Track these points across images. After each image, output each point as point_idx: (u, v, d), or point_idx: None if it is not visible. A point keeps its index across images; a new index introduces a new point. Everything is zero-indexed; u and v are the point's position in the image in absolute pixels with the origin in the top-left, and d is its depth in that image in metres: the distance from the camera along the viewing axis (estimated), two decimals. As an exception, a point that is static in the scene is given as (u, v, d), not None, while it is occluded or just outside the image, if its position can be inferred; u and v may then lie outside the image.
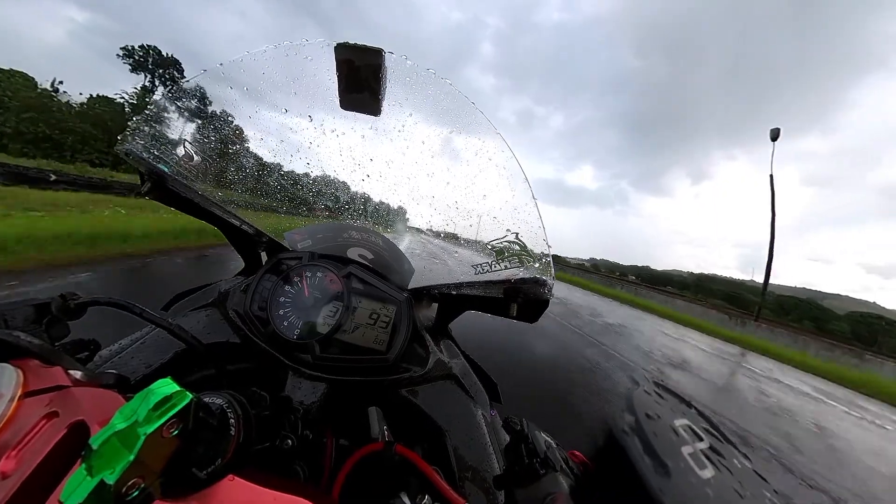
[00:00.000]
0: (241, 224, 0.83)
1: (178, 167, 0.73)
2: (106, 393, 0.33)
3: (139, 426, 0.26)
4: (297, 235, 0.97)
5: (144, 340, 0.61)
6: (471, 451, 0.60)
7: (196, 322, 0.68)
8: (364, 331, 0.73)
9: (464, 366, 0.84)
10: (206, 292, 0.80)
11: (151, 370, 0.57)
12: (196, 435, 0.30)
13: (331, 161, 1.00)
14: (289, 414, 0.46)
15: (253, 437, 0.38)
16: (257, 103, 0.79)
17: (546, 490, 0.31)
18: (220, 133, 0.81)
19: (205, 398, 0.37)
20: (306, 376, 0.64)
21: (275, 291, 0.72)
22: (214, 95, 0.77)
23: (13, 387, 0.30)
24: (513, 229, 0.70)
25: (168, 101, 0.71)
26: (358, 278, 0.79)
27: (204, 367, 0.62)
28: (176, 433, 0.28)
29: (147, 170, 0.69)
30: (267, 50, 0.69)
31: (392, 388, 0.68)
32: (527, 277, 0.62)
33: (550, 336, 6.70)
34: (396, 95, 0.76)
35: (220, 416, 0.35)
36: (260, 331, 0.68)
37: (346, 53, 0.66)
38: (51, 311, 0.44)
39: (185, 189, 0.71)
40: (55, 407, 0.30)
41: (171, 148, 0.73)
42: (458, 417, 0.66)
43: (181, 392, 0.29)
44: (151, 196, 0.72)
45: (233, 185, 0.87)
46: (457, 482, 0.54)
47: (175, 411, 0.28)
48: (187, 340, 0.52)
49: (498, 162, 0.75)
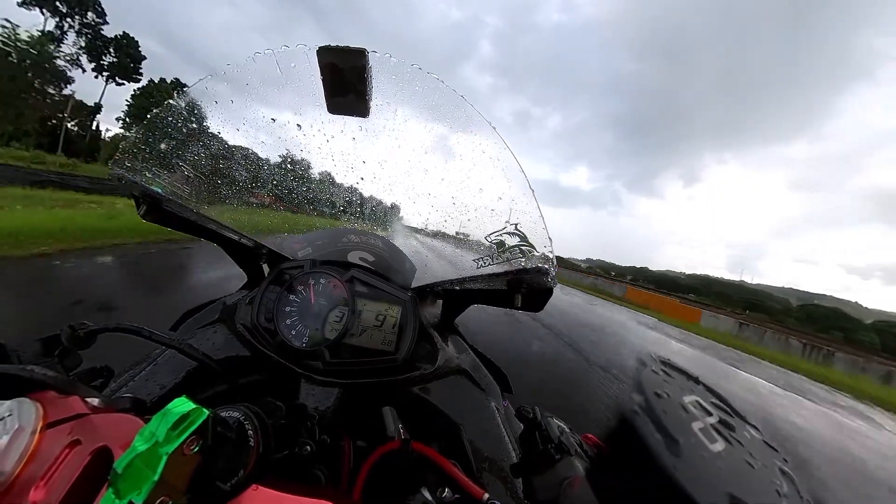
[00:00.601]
0: (240, 238, 0.83)
1: (172, 187, 0.73)
2: (124, 417, 0.34)
3: (160, 446, 0.27)
4: (296, 244, 0.97)
5: (156, 362, 0.62)
6: (486, 443, 0.61)
7: (205, 339, 0.69)
8: (371, 333, 0.74)
9: (473, 360, 0.85)
10: (212, 308, 0.80)
11: (166, 391, 0.57)
12: (216, 449, 0.31)
13: (323, 167, 1.00)
14: (305, 421, 0.47)
15: (272, 446, 0.39)
16: (244, 115, 0.78)
17: (562, 474, 0.32)
18: (210, 149, 0.80)
19: (221, 413, 0.37)
20: (318, 383, 0.64)
21: (280, 302, 0.72)
22: (201, 111, 0.76)
23: (34, 420, 0.31)
24: (511, 220, 0.70)
25: (155, 121, 0.70)
26: (361, 282, 0.79)
27: (217, 383, 0.63)
28: (197, 450, 0.29)
29: (141, 193, 0.69)
30: (250, 59, 0.68)
31: (404, 387, 0.68)
32: (529, 267, 0.62)
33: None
34: (384, 95, 0.75)
35: (238, 428, 0.36)
36: (269, 342, 0.68)
37: (329, 57, 0.65)
38: (61, 342, 0.44)
39: (181, 209, 0.71)
40: (77, 435, 0.30)
41: (163, 168, 0.73)
42: (472, 410, 0.67)
43: (197, 409, 0.29)
44: (149, 219, 0.72)
45: (228, 200, 0.87)
46: (475, 473, 0.55)
47: (193, 428, 0.28)
48: (198, 358, 0.53)
49: (492, 154, 0.74)
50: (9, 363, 0.37)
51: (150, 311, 3.27)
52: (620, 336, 9.51)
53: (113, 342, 0.46)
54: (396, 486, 0.46)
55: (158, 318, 0.77)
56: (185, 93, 0.72)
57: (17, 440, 0.29)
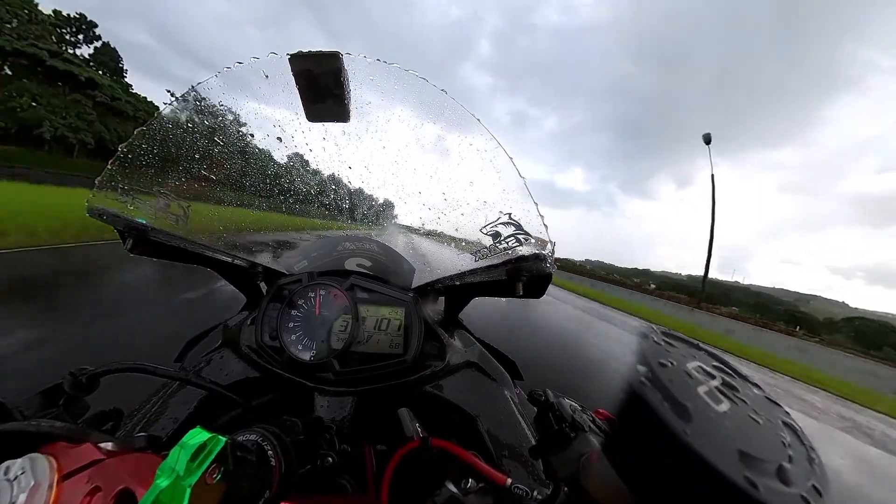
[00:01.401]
0: (233, 260, 0.82)
1: (158, 215, 0.71)
2: (141, 456, 0.33)
3: (182, 479, 0.26)
4: (292, 259, 0.96)
5: (166, 396, 0.61)
6: (503, 430, 0.62)
7: (212, 366, 0.68)
8: (378, 338, 0.74)
9: (481, 351, 0.85)
10: (214, 334, 0.79)
11: (180, 423, 0.57)
12: (239, 474, 0.31)
13: (309, 176, 0.98)
14: (323, 433, 0.47)
15: (294, 463, 0.39)
16: (222, 132, 0.77)
17: (579, 451, 0.33)
18: (192, 171, 0.78)
19: (238, 438, 0.37)
20: (332, 394, 0.64)
21: (282, 318, 0.72)
22: (177, 134, 0.74)
23: (49, 474, 0.30)
24: (505, 210, 0.69)
25: (130, 150, 0.68)
26: (361, 288, 0.79)
27: (231, 409, 0.62)
28: (219, 478, 0.28)
29: (125, 227, 0.67)
30: (222, 73, 0.66)
31: (416, 386, 0.68)
32: (527, 254, 0.62)
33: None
34: (363, 97, 0.74)
35: (258, 450, 0.36)
36: (276, 360, 0.68)
37: (302, 64, 0.64)
38: (64, 391, 0.43)
39: (168, 238, 0.69)
40: (96, 482, 0.30)
41: (145, 197, 0.71)
42: (485, 401, 0.67)
43: (214, 437, 0.29)
44: (136, 252, 0.70)
45: (216, 221, 0.85)
46: (495, 461, 0.56)
47: (213, 457, 0.28)
48: (207, 387, 0.52)
49: (480, 147, 0.74)
50: (12, 421, 0.36)
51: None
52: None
53: (118, 382, 0.45)
54: (421, 483, 0.46)
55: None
56: (160, 116, 0.70)
57: (35, 497, 0.28)
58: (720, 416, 0.20)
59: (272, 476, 0.34)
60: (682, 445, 0.17)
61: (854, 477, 3.81)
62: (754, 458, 0.18)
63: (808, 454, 0.20)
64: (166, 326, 3.39)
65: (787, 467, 0.19)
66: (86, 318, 3.43)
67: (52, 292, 4.17)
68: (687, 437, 0.17)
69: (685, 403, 0.19)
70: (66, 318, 3.36)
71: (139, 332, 3.25)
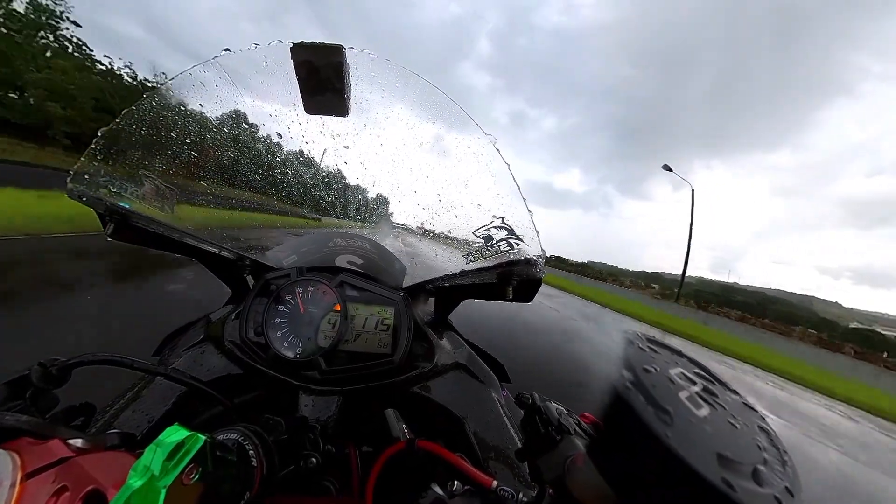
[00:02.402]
0: (220, 251, 0.80)
1: (142, 200, 0.68)
2: (114, 454, 0.31)
3: (157, 480, 0.25)
4: (281, 253, 0.94)
5: (142, 392, 0.58)
6: (490, 432, 0.62)
7: (193, 361, 0.66)
8: (366, 337, 0.73)
9: (469, 353, 0.85)
10: (196, 328, 0.76)
11: (156, 421, 0.54)
12: (218, 475, 0.30)
13: (304, 169, 0.96)
14: (307, 433, 0.46)
15: (276, 463, 0.38)
16: (218, 118, 0.74)
17: (565, 453, 0.33)
18: (181, 157, 0.75)
19: (218, 436, 0.36)
20: (317, 393, 0.63)
21: (268, 314, 0.70)
22: (169, 116, 0.71)
23: (11, 472, 0.28)
24: (498, 214, 0.70)
25: (117, 129, 0.65)
26: (351, 286, 0.78)
27: (211, 406, 0.60)
28: (197, 478, 0.27)
29: (106, 210, 0.63)
30: (220, 56, 0.64)
31: (404, 387, 0.68)
32: (518, 259, 0.63)
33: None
34: (363, 93, 0.73)
35: (239, 450, 0.35)
36: (261, 357, 0.66)
37: (304, 54, 0.62)
38: (31, 382, 0.40)
39: (152, 224, 0.66)
40: (63, 481, 0.28)
41: (130, 181, 0.68)
42: (473, 403, 0.67)
43: (193, 436, 0.28)
44: (117, 238, 0.66)
45: (204, 210, 0.82)
46: (482, 463, 0.56)
47: (190, 456, 0.27)
48: (187, 382, 0.50)
49: (476, 150, 0.74)
50: None
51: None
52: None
53: (91, 375, 0.42)
54: (407, 485, 0.46)
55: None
56: (151, 97, 0.67)
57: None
58: (700, 421, 0.20)
59: (253, 477, 0.33)
60: (664, 449, 0.18)
61: None
62: (731, 461, 0.19)
63: (782, 457, 0.22)
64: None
65: (761, 469, 0.20)
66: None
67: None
68: (669, 440, 0.18)
69: (667, 408, 0.20)
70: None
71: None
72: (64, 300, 3.51)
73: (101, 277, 4.58)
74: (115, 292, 4.14)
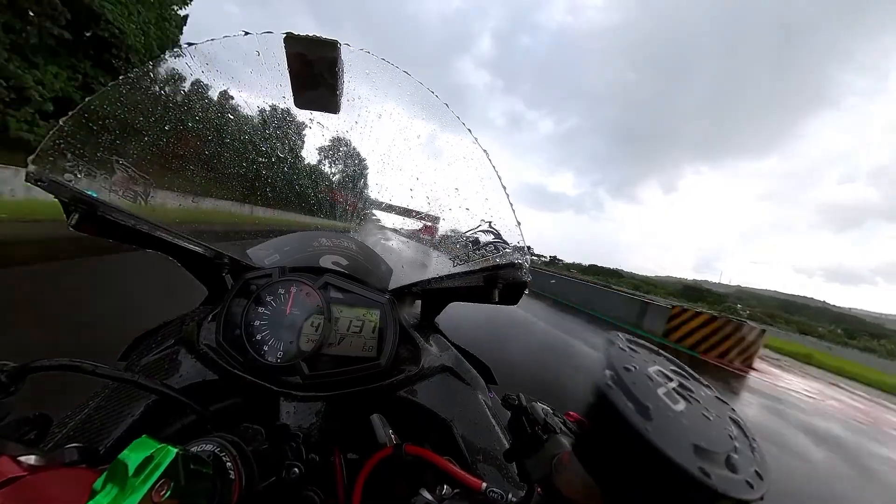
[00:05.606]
0: (197, 248, 0.75)
1: (112, 190, 0.63)
2: (73, 472, 0.28)
3: (123, 498, 0.23)
4: (262, 251, 0.90)
5: (106, 401, 0.53)
6: (478, 435, 0.61)
7: (163, 367, 0.61)
8: (351, 340, 0.71)
9: (456, 356, 0.85)
10: (168, 330, 0.71)
11: (121, 433, 0.49)
12: (192, 489, 0.28)
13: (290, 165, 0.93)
14: (289, 442, 0.44)
15: (256, 475, 0.36)
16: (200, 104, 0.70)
17: (551, 452, 0.34)
18: (159, 143, 0.71)
19: (192, 448, 0.34)
20: (299, 399, 0.60)
21: (247, 315, 0.66)
22: (148, 99, 0.67)
23: None
24: (486, 219, 0.71)
25: (90, 109, 0.60)
26: (336, 287, 0.76)
27: (184, 415, 0.56)
28: (168, 494, 0.25)
29: (71, 199, 0.58)
30: (211, 42, 0.61)
31: (390, 391, 0.66)
32: (504, 263, 0.63)
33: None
34: (356, 90, 0.72)
35: (215, 462, 0.33)
36: (238, 361, 0.62)
37: (297, 46, 0.60)
38: None
39: (122, 216, 0.61)
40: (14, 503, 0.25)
41: (100, 167, 0.63)
42: (460, 406, 0.67)
43: (163, 448, 0.26)
44: (81, 230, 0.61)
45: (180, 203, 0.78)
46: (470, 466, 0.55)
47: (161, 471, 0.25)
48: (157, 390, 0.46)
49: (466, 154, 0.74)
50: None
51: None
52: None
53: (48, 384, 0.37)
54: (395, 492, 0.45)
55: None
56: (129, 78, 0.62)
57: None
58: (677, 415, 0.22)
59: (231, 490, 0.31)
60: (645, 442, 0.19)
61: None
62: (707, 451, 0.20)
63: (751, 444, 0.23)
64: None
65: (734, 457, 0.21)
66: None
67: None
68: (649, 434, 0.19)
69: (647, 404, 0.21)
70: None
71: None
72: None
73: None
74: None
